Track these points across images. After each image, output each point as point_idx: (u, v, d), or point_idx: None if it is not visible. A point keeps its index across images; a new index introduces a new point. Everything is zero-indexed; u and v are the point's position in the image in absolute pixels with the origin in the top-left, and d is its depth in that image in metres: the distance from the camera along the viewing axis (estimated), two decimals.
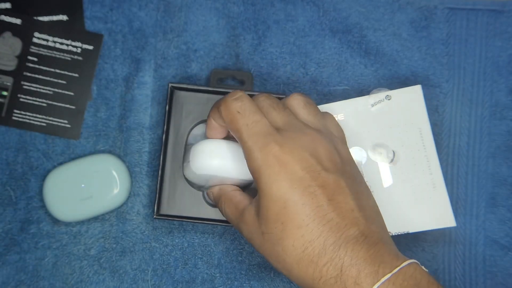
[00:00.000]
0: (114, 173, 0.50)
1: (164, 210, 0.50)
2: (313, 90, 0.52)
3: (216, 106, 0.41)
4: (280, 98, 0.51)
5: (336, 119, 0.48)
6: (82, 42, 0.52)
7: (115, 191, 0.49)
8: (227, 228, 0.51)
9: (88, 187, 0.49)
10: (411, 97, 0.48)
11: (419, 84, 0.49)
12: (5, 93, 0.51)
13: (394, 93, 0.49)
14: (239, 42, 0.52)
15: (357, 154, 0.48)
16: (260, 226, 0.37)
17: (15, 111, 0.51)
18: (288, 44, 0.53)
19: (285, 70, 0.52)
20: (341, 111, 0.49)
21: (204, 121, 0.51)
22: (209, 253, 0.51)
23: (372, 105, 0.48)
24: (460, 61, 0.53)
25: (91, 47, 0.52)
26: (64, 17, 0.52)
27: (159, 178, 0.49)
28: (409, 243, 0.51)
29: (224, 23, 0.53)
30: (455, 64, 0.53)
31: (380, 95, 0.48)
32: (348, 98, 0.50)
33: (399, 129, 0.48)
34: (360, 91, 0.52)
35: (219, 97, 0.51)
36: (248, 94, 0.50)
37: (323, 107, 0.48)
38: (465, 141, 0.52)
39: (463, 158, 0.52)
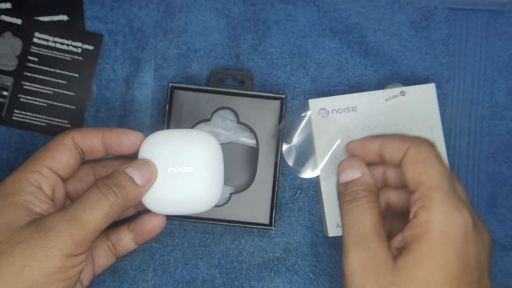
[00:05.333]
0: None
1: None
2: (313, 90, 0.52)
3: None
4: (279, 98, 0.51)
5: (350, 111, 0.48)
6: (83, 42, 0.52)
7: None
8: (227, 228, 0.51)
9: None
10: (425, 95, 0.49)
11: (431, 83, 0.49)
12: (5, 93, 0.51)
13: (409, 89, 0.49)
14: (239, 42, 0.52)
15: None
16: None
17: (16, 111, 0.51)
18: (288, 44, 0.53)
19: (285, 70, 0.52)
20: (356, 103, 0.49)
21: (204, 121, 0.51)
22: (209, 253, 0.51)
23: (387, 100, 0.48)
24: (460, 62, 0.53)
25: (91, 47, 0.52)
26: (64, 17, 0.52)
27: None
28: None
29: (224, 23, 0.53)
30: (455, 65, 0.53)
31: (395, 90, 0.49)
32: None
33: (411, 125, 0.49)
34: (360, 91, 0.52)
35: (219, 96, 0.51)
36: (248, 95, 0.50)
37: (337, 98, 0.49)
38: (465, 141, 0.52)
39: (463, 158, 0.52)
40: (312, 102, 0.49)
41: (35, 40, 0.52)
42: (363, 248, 0.34)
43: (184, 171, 0.39)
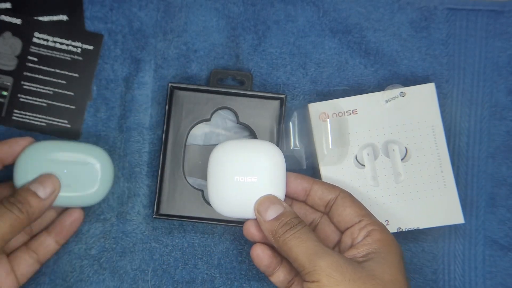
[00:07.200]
0: (99, 171, 0.46)
1: (164, 209, 0.50)
2: (313, 91, 0.52)
3: None
4: (279, 98, 0.51)
5: (350, 114, 0.49)
6: (82, 42, 0.52)
7: (93, 189, 0.46)
8: (227, 228, 0.51)
9: (68, 175, 0.45)
10: (425, 95, 0.49)
11: (431, 82, 0.49)
12: (5, 93, 0.51)
13: (408, 90, 0.49)
14: (239, 42, 0.52)
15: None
16: None
17: (15, 111, 0.51)
18: (288, 44, 0.53)
19: (285, 70, 0.52)
20: (355, 106, 0.49)
21: (203, 121, 0.51)
22: (209, 253, 0.51)
23: (386, 101, 0.49)
24: (460, 62, 0.53)
25: (91, 47, 0.52)
26: (64, 17, 0.52)
27: (158, 178, 0.49)
28: (409, 243, 0.51)
29: (224, 23, 0.53)
30: (455, 65, 0.53)
31: (394, 91, 0.49)
32: None
33: (412, 126, 0.49)
34: (360, 91, 0.52)
35: (219, 97, 0.51)
36: (248, 95, 0.50)
37: (337, 102, 0.49)
38: (465, 141, 0.52)
39: (463, 158, 0.52)
40: (312, 106, 0.49)
41: (34, 40, 0.52)
42: (328, 256, 0.38)
43: (248, 180, 0.42)
